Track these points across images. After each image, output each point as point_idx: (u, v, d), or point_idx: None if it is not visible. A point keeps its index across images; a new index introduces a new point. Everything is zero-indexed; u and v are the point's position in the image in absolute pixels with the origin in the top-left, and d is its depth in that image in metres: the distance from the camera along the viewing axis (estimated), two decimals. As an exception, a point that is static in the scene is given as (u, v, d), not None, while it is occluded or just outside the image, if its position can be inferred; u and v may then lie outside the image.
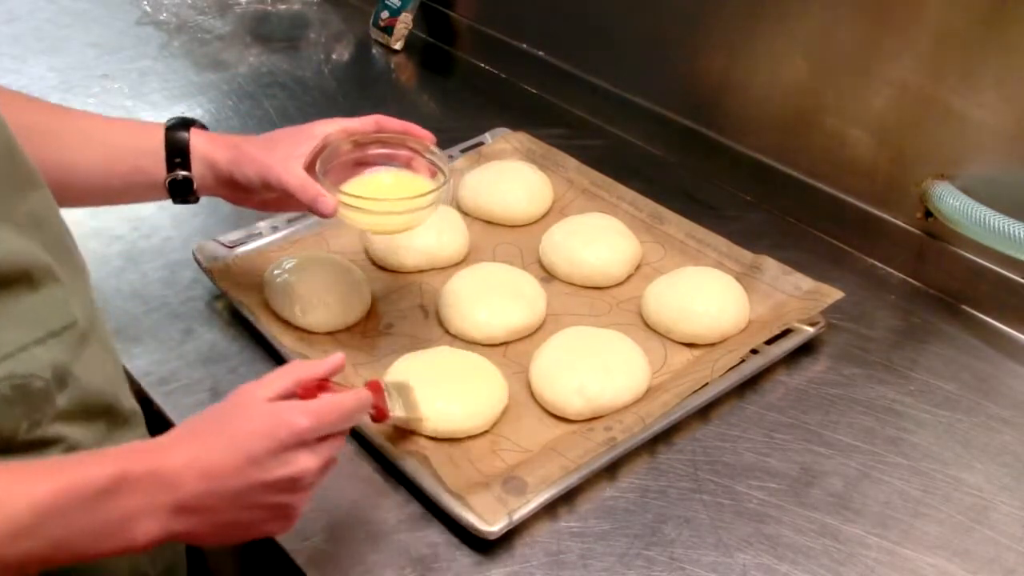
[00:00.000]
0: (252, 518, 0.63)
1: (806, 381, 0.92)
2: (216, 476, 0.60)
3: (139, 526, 0.58)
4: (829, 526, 0.78)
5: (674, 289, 0.96)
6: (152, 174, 0.83)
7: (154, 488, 0.59)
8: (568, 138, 1.23)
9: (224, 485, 0.60)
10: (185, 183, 0.84)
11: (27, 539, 0.54)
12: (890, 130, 1.03)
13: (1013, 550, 0.76)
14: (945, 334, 0.98)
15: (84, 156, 0.81)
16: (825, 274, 0.99)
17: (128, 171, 0.83)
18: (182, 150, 0.83)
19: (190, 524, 0.60)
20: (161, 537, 0.60)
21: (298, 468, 0.62)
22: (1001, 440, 0.86)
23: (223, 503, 0.61)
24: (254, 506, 0.62)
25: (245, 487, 0.61)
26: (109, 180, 0.82)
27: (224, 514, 0.61)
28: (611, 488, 0.81)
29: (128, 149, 0.83)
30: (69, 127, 0.82)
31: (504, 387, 0.86)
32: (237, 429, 0.62)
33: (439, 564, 0.74)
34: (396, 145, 0.87)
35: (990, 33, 0.91)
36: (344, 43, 1.56)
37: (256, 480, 0.61)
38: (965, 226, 0.95)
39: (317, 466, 0.63)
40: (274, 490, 0.62)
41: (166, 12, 1.60)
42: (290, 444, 0.62)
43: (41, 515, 0.54)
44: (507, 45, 1.42)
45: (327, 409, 0.64)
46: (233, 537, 0.64)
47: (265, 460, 0.61)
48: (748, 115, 1.17)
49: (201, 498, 0.60)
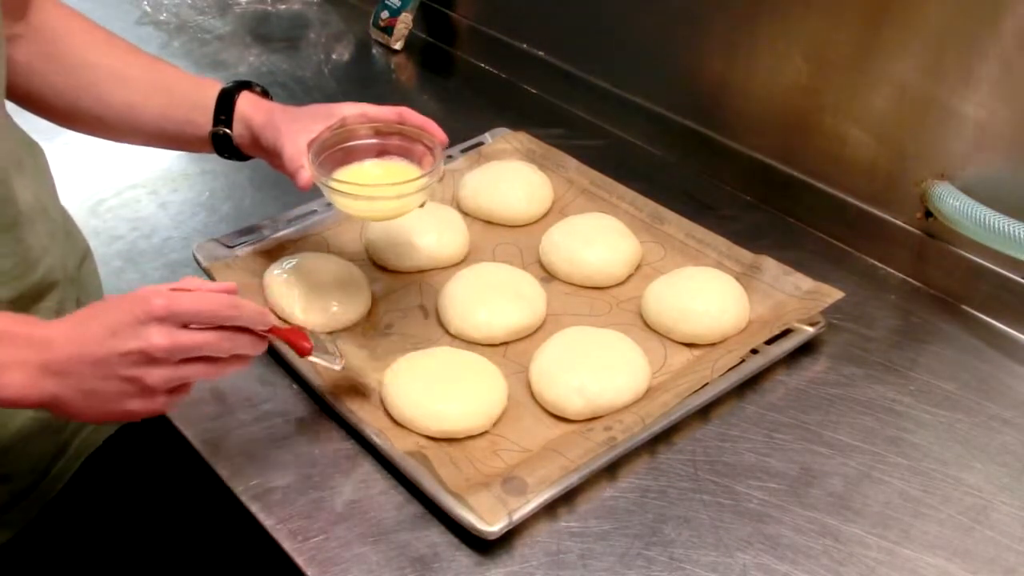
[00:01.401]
0: (113, 389, 0.68)
1: (806, 381, 0.92)
2: (82, 342, 0.67)
3: (6, 376, 0.66)
4: (829, 526, 0.78)
5: (674, 289, 0.96)
6: (201, 126, 0.90)
7: (25, 345, 0.67)
8: (568, 138, 1.23)
9: (88, 351, 0.67)
10: (226, 138, 0.91)
11: None
12: (890, 130, 1.03)
13: (1013, 550, 0.76)
14: (945, 334, 0.98)
15: (146, 100, 0.90)
16: (825, 274, 0.99)
17: (182, 120, 0.91)
18: (228, 108, 0.90)
19: (58, 386, 0.67)
20: (31, 394, 0.67)
21: (147, 342, 0.67)
22: (1001, 440, 0.86)
23: (86, 368, 0.67)
24: (113, 376, 0.67)
25: (104, 355, 0.67)
26: (164, 125, 0.91)
27: (88, 381, 0.67)
28: (611, 488, 0.81)
29: (185, 100, 0.91)
30: (139, 72, 0.91)
31: (504, 387, 0.86)
32: (108, 308, 0.69)
33: (439, 564, 0.74)
34: (414, 139, 0.89)
35: (990, 33, 0.91)
36: (344, 43, 1.56)
37: (113, 349, 0.67)
38: (965, 226, 0.95)
39: (165, 344, 0.67)
40: (127, 362, 0.67)
41: (166, 12, 1.61)
42: (144, 319, 0.67)
43: None
44: (507, 45, 1.42)
45: (185, 296, 0.69)
46: (100, 409, 0.69)
47: (121, 331, 0.67)
48: (748, 115, 1.17)
49: (68, 362, 0.67)
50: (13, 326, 0.68)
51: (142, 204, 1.12)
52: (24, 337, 0.67)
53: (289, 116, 0.89)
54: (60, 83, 0.87)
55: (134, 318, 0.67)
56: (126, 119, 0.90)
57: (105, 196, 1.14)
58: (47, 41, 0.87)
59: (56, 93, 0.88)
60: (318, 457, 0.83)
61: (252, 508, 0.78)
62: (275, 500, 0.79)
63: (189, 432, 0.85)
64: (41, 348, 0.67)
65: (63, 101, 0.88)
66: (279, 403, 0.88)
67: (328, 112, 0.89)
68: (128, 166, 1.20)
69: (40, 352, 0.67)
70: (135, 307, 0.67)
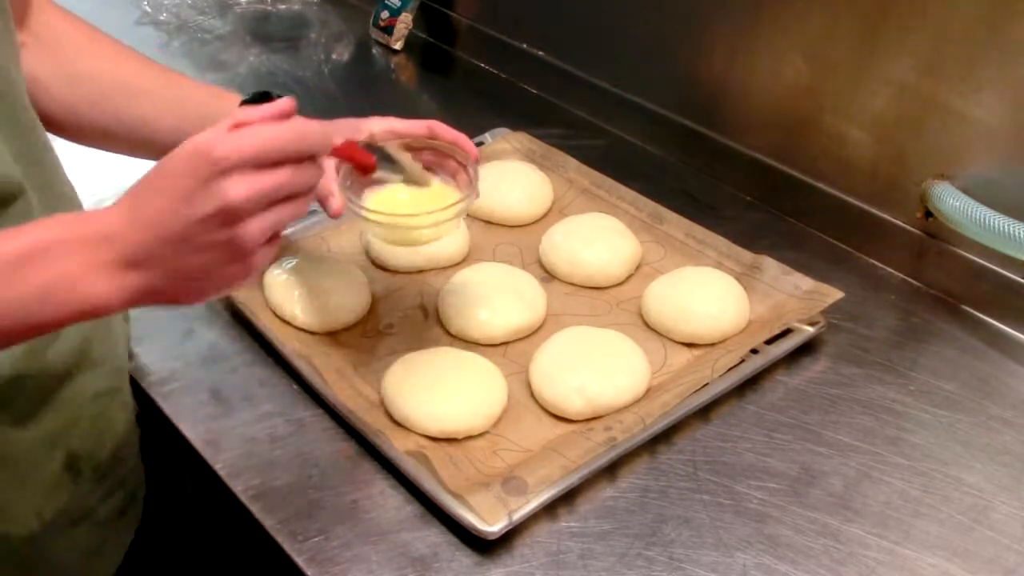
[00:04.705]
0: (204, 261, 0.62)
1: (806, 381, 0.92)
2: (153, 223, 0.60)
3: (81, 286, 0.59)
4: (829, 526, 0.78)
5: (674, 289, 0.96)
6: None
7: (91, 247, 0.60)
8: (568, 138, 1.23)
9: (162, 230, 0.60)
10: None
11: None
12: (890, 130, 1.03)
13: (1013, 550, 0.76)
14: (945, 334, 0.98)
15: (160, 113, 0.85)
16: (825, 274, 0.99)
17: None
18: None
19: (146, 278, 0.61)
20: (118, 296, 0.60)
21: (224, 199, 0.60)
22: (1001, 440, 0.86)
23: (168, 249, 0.61)
24: (200, 247, 0.61)
25: (183, 227, 0.60)
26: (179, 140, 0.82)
27: (174, 261, 0.61)
28: (611, 488, 0.81)
29: (201, 113, 0.84)
30: (153, 85, 0.86)
31: (504, 387, 0.86)
32: (164, 175, 0.62)
33: (439, 564, 0.74)
34: (445, 154, 0.86)
35: (990, 33, 0.91)
36: (344, 43, 1.56)
37: (190, 218, 0.60)
38: (965, 226, 0.95)
39: (245, 193, 0.60)
40: (211, 226, 0.61)
41: (166, 12, 1.60)
42: (211, 176, 0.60)
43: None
44: (507, 45, 1.42)
45: (247, 136, 0.62)
46: (198, 288, 0.63)
47: (191, 196, 0.60)
48: (748, 115, 1.17)
49: (145, 248, 0.60)
50: (60, 232, 0.60)
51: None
52: (77, 241, 0.60)
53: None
54: (67, 95, 0.83)
55: (200, 177, 0.60)
56: (139, 133, 0.84)
57: (105, 196, 1.14)
58: (51, 50, 0.82)
59: (63, 106, 0.83)
60: (318, 457, 0.83)
61: (252, 508, 0.78)
62: (275, 500, 0.79)
63: (189, 432, 0.84)
64: (104, 245, 0.60)
65: (71, 114, 0.84)
66: (279, 403, 0.88)
67: (354, 128, 0.85)
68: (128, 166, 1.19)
69: (105, 250, 0.60)
70: (197, 165, 0.60)
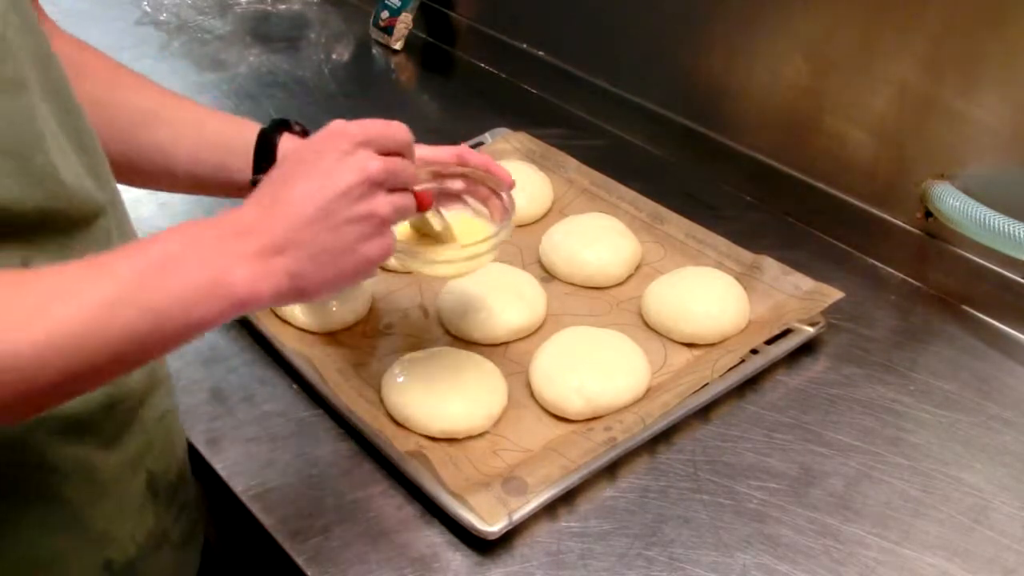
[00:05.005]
0: (347, 237, 0.63)
1: (806, 381, 0.92)
2: (294, 206, 0.61)
3: (232, 279, 0.59)
4: (829, 526, 0.78)
5: (674, 289, 0.96)
6: (237, 173, 0.82)
7: (232, 242, 0.59)
8: (568, 138, 1.23)
9: (306, 208, 0.61)
10: None
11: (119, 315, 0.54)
12: (890, 130, 1.03)
13: (1013, 550, 0.76)
14: (945, 334, 0.98)
15: (177, 142, 0.82)
16: (825, 274, 0.99)
17: (216, 166, 0.82)
18: (269, 154, 0.82)
19: (290, 262, 0.61)
20: (265, 284, 0.60)
21: (364, 168, 0.63)
22: (1001, 440, 0.86)
23: (311, 228, 0.61)
24: (339, 223, 0.62)
25: (326, 202, 0.61)
26: (198, 170, 0.83)
27: (317, 239, 0.62)
28: (611, 488, 0.81)
29: (218, 144, 0.83)
30: (169, 114, 0.83)
31: (504, 387, 0.86)
32: (296, 163, 0.63)
33: (439, 564, 0.74)
34: (477, 181, 0.84)
35: (990, 33, 0.91)
36: (344, 43, 1.56)
37: (332, 191, 0.61)
38: (965, 226, 0.95)
39: (381, 164, 0.63)
40: (352, 197, 0.62)
41: (166, 12, 1.60)
42: (348, 149, 0.63)
43: (125, 289, 0.55)
44: (507, 45, 1.42)
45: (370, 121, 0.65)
46: (337, 269, 0.64)
47: (332, 171, 0.62)
48: (748, 115, 1.17)
49: (285, 232, 0.61)
50: (197, 234, 0.60)
51: (142, 205, 1.11)
52: (217, 239, 0.60)
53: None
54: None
55: (339, 152, 0.62)
56: (156, 162, 0.81)
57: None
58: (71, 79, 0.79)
59: None
60: (318, 457, 0.83)
61: (252, 508, 0.78)
62: (275, 500, 0.79)
63: (189, 432, 0.84)
64: (244, 238, 0.60)
65: None
66: (279, 403, 0.88)
67: None
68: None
69: (247, 242, 0.60)
70: (334, 143, 0.62)
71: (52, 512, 0.63)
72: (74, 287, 0.54)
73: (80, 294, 0.54)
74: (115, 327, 0.54)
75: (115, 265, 0.56)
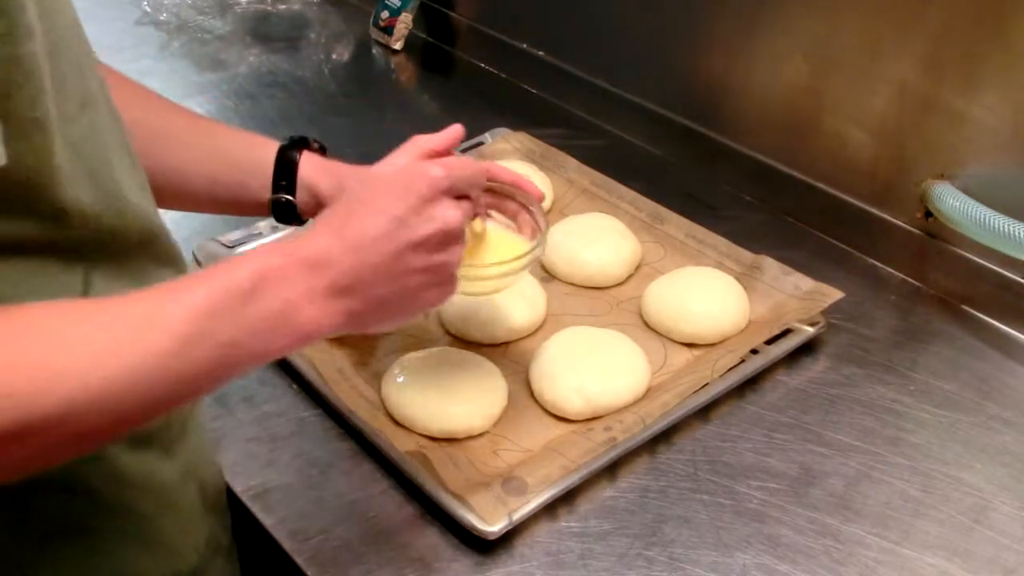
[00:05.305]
0: (409, 285, 0.63)
1: (806, 381, 0.92)
2: (365, 246, 0.60)
3: (301, 314, 0.58)
4: (829, 526, 0.78)
5: (674, 289, 0.96)
6: (256, 192, 0.81)
7: (305, 273, 0.58)
8: (568, 138, 1.23)
9: (375, 253, 0.60)
10: (288, 206, 0.81)
11: (195, 347, 0.53)
12: (890, 130, 1.03)
13: (1013, 550, 0.76)
14: (945, 334, 0.98)
15: (194, 163, 0.80)
16: (825, 274, 0.99)
17: (234, 185, 0.81)
18: (290, 173, 0.80)
19: (350, 304, 0.60)
20: (327, 323, 0.60)
21: (444, 221, 0.62)
22: (1001, 440, 0.86)
23: (377, 274, 0.61)
24: (409, 271, 0.62)
25: (396, 251, 0.61)
26: (215, 190, 0.81)
27: (381, 286, 0.61)
28: (611, 488, 0.81)
29: (236, 163, 0.81)
30: (183, 132, 0.81)
31: (504, 387, 0.86)
32: (375, 196, 0.62)
33: (439, 564, 0.74)
34: (505, 196, 0.83)
35: (990, 33, 0.91)
36: (344, 43, 1.56)
37: (405, 240, 0.61)
38: (965, 226, 0.95)
39: (461, 217, 0.62)
40: (425, 248, 0.62)
41: (166, 12, 1.60)
42: (430, 196, 0.61)
43: (200, 320, 0.54)
44: (507, 45, 1.42)
45: (455, 161, 0.64)
46: (394, 312, 0.64)
47: (410, 218, 0.60)
48: (748, 115, 1.17)
49: (355, 272, 0.60)
50: (276, 257, 0.58)
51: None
52: (296, 266, 0.58)
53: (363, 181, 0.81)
54: None
55: (420, 198, 0.61)
56: (172, 184, 0.78)
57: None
58: None
59: None
60: (318, 457, 0.83)
61: (252, 508, 0.78)
62: (275, 500, 0.79)
63: (189, 432, 0.85)
64: (322, 269, 0.59)
65: None
66: (279, 403, 0.88)
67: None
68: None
69: (320, 276, 0.59)
70: (418, 186, 0.61)
71: (128, 524, 0.63)
72: (147, 320, 0.52)
73: (156, 327, 0.52)
74: (189, 360, 0.53)
75: (189, 296, 0.55)
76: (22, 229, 0.53)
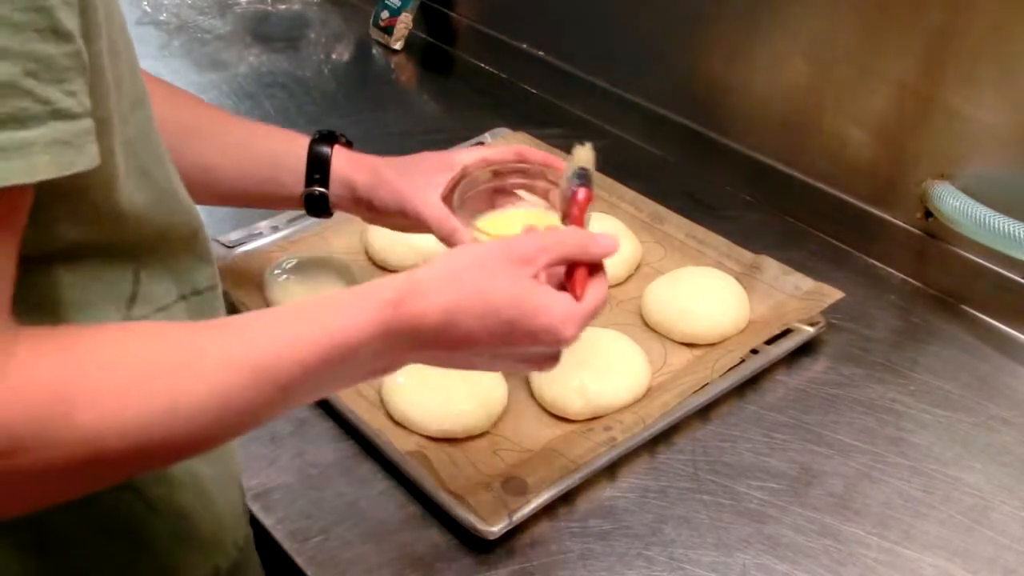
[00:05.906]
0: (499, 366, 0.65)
1: (806, 381, 0.92)
2: (468, 343, 0.60)
3: (388, 369, 0.60)
4: (829, 526, 0.78)
5: (674, 289, 0.96)
6: (289, 186, 0.82)
7: (409, 343, 0.58)
8: (568, 138, 1.23)
9: (472, 349, 0.61)
10: (321, 199, 0.83)
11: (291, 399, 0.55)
12: (890, 130, 1.03)
13: (1013, 550, 0.76)
14: (945, 334, 0.98)
15: (222, 159, 0.81)
16: (825, 274, 0.99)
17: (265, 180, 0.83)
18: (322, 167, 0.82)
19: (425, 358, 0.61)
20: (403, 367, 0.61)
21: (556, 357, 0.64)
22: (1001, 440, 0.86)
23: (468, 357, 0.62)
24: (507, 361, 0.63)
25: (491, 351, 0.61)
26: (246, 185, 0.83)
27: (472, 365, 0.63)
28: (611, 488, 0.81)
29: (268, 159, 0.83)
30: (211, 127, 0.82)
31: (504, 387, 0.86)
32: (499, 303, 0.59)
33: (439, 564, 0.74)
34: (535, 175, 0.84)
35: (990, 33, 0.91)
36: (344, 43, 1.56)
37: (504, 352, 0.62)
38: (965, 226, 0.95)
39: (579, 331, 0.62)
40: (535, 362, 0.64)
41: (166, 12, 1.60)
42: (553, 355, 0.63)
43: (311, 378, 0.54)
44: (507, 45, 1.42)
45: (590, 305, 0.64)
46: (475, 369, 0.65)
47: (518, 342, 0.61)
48: (748, 115, 1.17)
49: (450, 352, 0.61)
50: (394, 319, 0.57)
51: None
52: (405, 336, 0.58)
53: (400, 171, 0.83)
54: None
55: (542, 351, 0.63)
56: (200, 180, 0.76)
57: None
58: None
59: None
60: (318, 457, 0.83)
61: (252, 508, 0.78)
62: (275, 500, 0.79)
63: (189, 432, 0.84)
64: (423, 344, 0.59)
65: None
66: (279, 403, 0.88)
67: (448, 162, 0.84)
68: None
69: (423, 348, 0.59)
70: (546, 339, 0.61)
71: (174, 524, 0.63)
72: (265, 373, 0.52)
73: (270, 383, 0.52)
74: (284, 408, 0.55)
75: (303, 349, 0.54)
76: (87, 233, 0.53)
